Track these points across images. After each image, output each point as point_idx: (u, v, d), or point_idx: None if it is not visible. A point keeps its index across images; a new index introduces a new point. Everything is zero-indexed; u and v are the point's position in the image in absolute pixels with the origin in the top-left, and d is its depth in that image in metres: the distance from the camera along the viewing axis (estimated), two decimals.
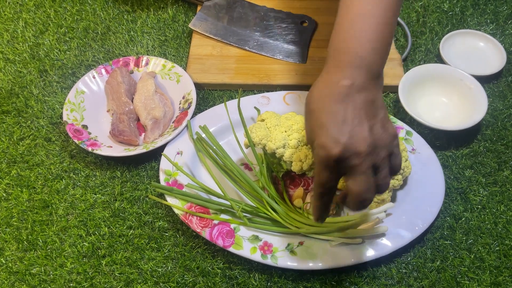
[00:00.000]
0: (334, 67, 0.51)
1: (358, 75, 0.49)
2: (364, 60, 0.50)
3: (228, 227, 0.65)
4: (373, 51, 0.51)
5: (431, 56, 0.85)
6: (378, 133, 0.48)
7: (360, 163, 0.47)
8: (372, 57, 0.50)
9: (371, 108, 0.49)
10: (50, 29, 0.91)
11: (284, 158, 0.65)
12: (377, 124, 0.48)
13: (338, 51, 0.52)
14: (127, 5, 0.94)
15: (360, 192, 0.48)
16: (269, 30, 0.87)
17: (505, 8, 0.92)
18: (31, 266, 0.64)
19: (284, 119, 0.68)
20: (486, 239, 0.66)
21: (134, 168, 0.73)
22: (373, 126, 0.48)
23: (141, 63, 0.83)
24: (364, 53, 0.50)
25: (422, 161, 0.70)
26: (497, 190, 0.70)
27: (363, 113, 0.48)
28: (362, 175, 0.47)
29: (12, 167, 0.74)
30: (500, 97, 0.80)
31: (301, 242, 0.64)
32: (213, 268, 0.64)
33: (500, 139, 0.75)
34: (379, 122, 0.48)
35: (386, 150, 0.48)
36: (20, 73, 0.85)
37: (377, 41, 0.51)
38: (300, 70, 0.82)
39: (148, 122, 0.75)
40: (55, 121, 0.78)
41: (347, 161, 0.47)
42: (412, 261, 0.64)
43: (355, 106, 0.48)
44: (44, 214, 0.69)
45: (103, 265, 0.64)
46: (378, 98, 0.50)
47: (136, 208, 0.69)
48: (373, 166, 0.48)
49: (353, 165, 0.47)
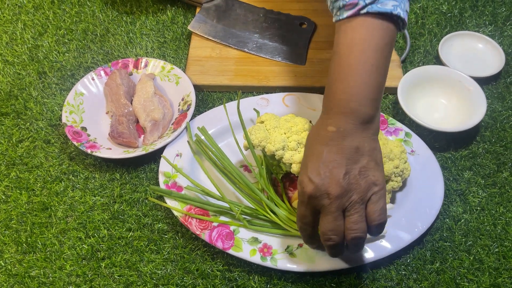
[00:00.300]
0: (324, 113, 0.55)
1: (344, 122, 0.52)
2: (348, 108, 0.52)
3: (227, 229, 0.65)
4: (360, 98, 0.52)
5: (430, 58, 0.86)
6: (353, 178, 0.51)
7: (329, 204, 0.51)
8: (359, 105, 0.52)
9: (353, 154, 0.52)
10: (49, 31, 0.91)
11: (284, 160, 0.65)
12: (354, 170, 0.51)
13: (327, 98, 0.55)
14: (126, 7, 0.94)
15: (324, 231, 0.52)
16: (268, 32, 0.87)
17: (503, 10, 0.92)
18: (30, 269, 0.64)
19: (284, 121, 0.67)
20: (485, 240, 0.66)
21: (134, 170, 0.73)
22: (350, 172, 0.51)
23: (140, 65, 0.83)
24: (348, 102, 0.52)
25: (421, 162, 0.70)
26: (496, 192, 0.70)
27: (343, 158, 0.51)
28: (329, 215, 0.51)
29: (11, 169, 0.74)
30: (499, 98, 0.80)
31: (301, 244, 0.64)
32: (212, 270, 0.64)
33: (499, 140, 0.75)
34: (358, 169, 0.51)
35: (358, 195, 0.51)
36: (19, 75, 0.85)
37: (365, 88, 0.53)
38: (299, 72, 0.83)
39: (147, 124, 0.75)
40: (54, 123, 0.78)
41: (318, 200, 0.51)
42: (411, 263, 0.64)
43: (336, 151, 0.52)
44: (43, 217, 0.69)
45: (103, 268, 0.64)
46: (364, 145, 0.52)
47: (136, 210, 0.69)
48: (343, 209, 0.51)
49: (323, 204, 0.51)
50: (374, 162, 0.52)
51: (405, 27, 0.55)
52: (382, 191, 0.52)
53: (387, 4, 0.52)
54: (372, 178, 0.51)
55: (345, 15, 0.54)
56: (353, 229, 0.51)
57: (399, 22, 0.54)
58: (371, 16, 0.53)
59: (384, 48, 0.53)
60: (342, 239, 0.52)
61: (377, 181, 0.51)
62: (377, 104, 0.54)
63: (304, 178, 0.52)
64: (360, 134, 0.52)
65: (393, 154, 0.65)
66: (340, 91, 0.53)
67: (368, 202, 0.51)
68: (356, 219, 0.51)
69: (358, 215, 0.51)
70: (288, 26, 0.88)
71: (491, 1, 0.93)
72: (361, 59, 0.52)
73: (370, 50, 0.52)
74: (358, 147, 0.52)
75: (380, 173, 0.52)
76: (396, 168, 0.64)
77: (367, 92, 0.52)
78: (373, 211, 0.51)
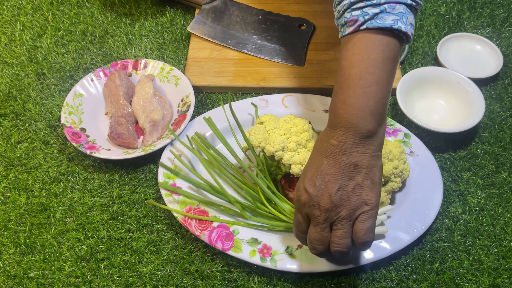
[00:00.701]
0: (329, 126, 0.56)
1: (344, 137, 0.53)
2: (349, 123, 0.53)
3: (227, 230, 0.65)
4: (360, 112, 0.52)
5: (428, 59, 0.86)
6: (345, 194, 0.52)
7: (319, 215, 0.52)
8: (358, 119, 0.52)
9: (350, 170, 0.52)
10: (48, 32, 0.91)
11: (283, 161, 0.65)
12: (348, 187, 0.52)
13: (331, 112, 0.56)
14: (125, 9, 0.94)
15: (310, 239, 0.54)
16: (267, 33, 0.88)
17: (501, 12, 0.92)
18: (29, 270, 0.64)
19: (283, 122, 0.68)
20: (485, 241, 0.66)
21: (133, 171, 0.73)
22: (344, 187, 0.52)
23: (140, 66, 0.83)
24: (349, 116, 0.53)
25: (420, 163, 0.70)
26: (495, 192, 0.70)
27: (340, 173, 0.52)
28: (317, 226, 0.53)
29: (9, 170, 0.73)
30: (497, 99, 0.80)
31: (300, 245, 0.63)
32: (212, 271, 0.64)
33: (497, 141, 0.75)
34: (352, 186, 0.52)
35: (347, 212, 0.52)
36: (18, 76, 0.85)
37: (365, 101, 0.53)
38: (298, 73, 0.83)
39: (147, 125, 0.75)
40: (53, 124, 0.78)
41: (310, 209, 0.53)
42: (411, 263, 0.64)
43: (334, 165, 0.53)
44: (42, 218, 0.69)
45: (102, 269, 0.64)
46: (361, 162, 0.53)
47: (135, 211, 0.69)
48: (332, 223, 0.53)
49: (313, 214, 0.53)
50: (370, 181, 0.53)
51: (409, 40, 0.55)
52: (373, 211, 0.52)
53: (387, 19, 0.52)
54: (364, 197, 0.52)
55: (347, 31, 0.55)
56: (336, 243, 0.53)
57: (401, 36, 0.54)
58: (370, 32, 0.53)
59: (385, 62, 0.53)
60: (326, 249, 0.54)
61: (369, 201, 0.52)
62: (379, 119, 0.53)
63: (301, 186, 0.54)
64: (360, 150, 0.53)
65: (392, 155, 0.65)
66: (341, 105, 0.54)
67: (356, 220, 0.52)
68: (341, 234, 0.52)
69: (343, 231, 0.52)
70: (287, 27, 0.88)
71: (489, 3, 0.94)
72: (361, 73, 0.53)
73: (370, 65, 0.53)
74: (356, 164, 0.52)
75: (374, 193, 0.53)
76: (395, 169, 0.64)
77: (366, 106, 0.52)
78: (359, 229, 0.52)
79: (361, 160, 0.52)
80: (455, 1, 0.94)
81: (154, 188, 0.71)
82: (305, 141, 0.65)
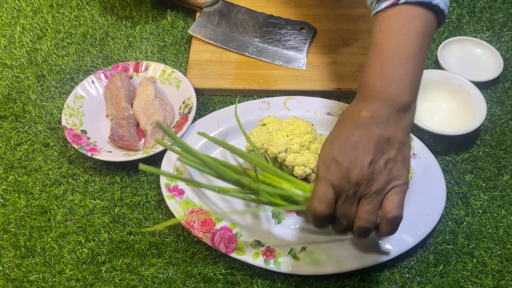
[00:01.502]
0: (359, 99, 0.53)
1: (378, 108, 0.51)
2: (385, 94, 0.51)
3: (230, 232, 0.64)
4: (398, 84, 0.51)
5: (429, 63, 0.86)
6: (377, 168, 0.50)
7: (348, 189, 0.49)
8: (396, 91, 0.51)
9: (383, 144, 0.50)
10: (48, 35, 0.90)
11: (286, 162, 0.65)
12: (381, 161, 0.50)
13: (362, 85, 0.53)
14: (126, 11, 0.94)
15: (337, 214, 0.51)
16: (269, 36, 0.88)
17: (500, 16, 0.93)
18: (29, 273, 0.63)
19: (286, 123, 0.67)
20: (488, 243, 0.66)
21: (134, 174, 0.72)
22: (377, 161, 0.50)
23: (141, 68, 0.82)
24: (385, 87, 0.51)
25: (422, 166, 0.70)
26: (498, 195, 0.70)
27: (372, 146, 0.50)
28: (346, 200, 0.50)
29: (9, 172, 0.73)
30: (498, 102, 0.81)
31: (304, 247, 0.63)
32: (215, 274, 0.63)
33: (499, 144, 0.75)
34: (384, 160, 0.50)
35: (378, 187, 0.49)
36: (18, 78, 0.84)
37: (403, 73, 0.51)
38: (299, 76, 0.83)
39: (148, 127, 0.74)
40: (53, 126, 0.78)
41: (338, 181, 0.50)
42: (415, 266, 0.64)
43: (367, 137, 0.50)
44: (42, 220, 0.68)
45: (103, 272, 0.63)
46: (395, 136, 0.51)
47: (136, 214, 0.68)
48: (360, 197, 0.50)
49: (341, 187, 0.50)
50: (402, 156, 0.51)
51: (444, 20, 0.54)
52: (403, 187, 0.50)
53: None
54: (395, 173, 0.50)
55: (384, 5, 0.53)
56: (364, 218, 0.50)
57: (438, 14, 0.53)
58: (409, 5, 0.52)
59: (422, 36, 0.52)
60: (350, 225, 0.51)
61: (400, 176, 0.50)
62: (414, 94, 0.52)
63: (328, 156, 0.51)
64: (394, 124, 0.51)
65: None
66: (376, 77, 0.52)
67: (387, 195, 0.50)
68: (369, 210, 0.49)
69: (372, 206, 0.49)
70: (288, 30, 0.88)
71: (488, 8, 0.95)
72: (399, 45, 0.51)
73: (409, 37, 0.51)
74: (389, 137, 0.50)
75: (405, 170, 0.51)
76: None
77: (404, 78, 0.51)
78: (389, 203, 0.49)
79: (394, 135, 0.50)
80: (455, 5, 0.95)
81: (155, 191, 0.70)
82: (308, 143, 0.65)
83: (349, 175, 0.49)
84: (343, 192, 0.50)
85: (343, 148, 0.50)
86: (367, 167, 0.49)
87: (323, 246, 0.63)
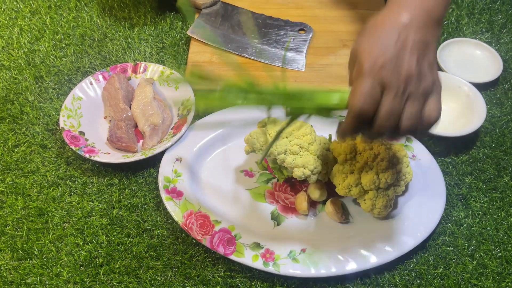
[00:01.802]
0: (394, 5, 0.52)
1: (418, 15, 0.50)
2: (423, 5, 0.51)
3: (229, 234, 0.64)
4: None
5: None
6: (423, 68, 0.48)
7: (399, 85, 0.47)
8: (432, 4, 0.52)
9: (424, 47, 0.49)
10: (46, 36, 0.90)
11: (285, 164, 0.65)
12: (424, 62, 0.49)
13: None
14: (124, 13, 0.94)
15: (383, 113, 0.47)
16: (267, 38, 0.87)
17: (499, 18, 0.93)
18: (27, 276, 0.63)
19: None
20: (488, 245, 0.65)
21: (132, 175, 0.72)
22: (421, 62, 0.48)
23: (139, 70, 0.82)
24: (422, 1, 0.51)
25: (422, 167, 0.70)
26: (497, 196, 0.70)
27: (415, 47, 0.48)
28: (395, 97, 0.47)
29: (6, 174, 0.72)
30: (497, 104, 0.80)
31: (303, 249, 0.63)
32: (214, 277, 0.63)
33: (498, 145, 0.75)
34: (426, 61, 0.49)
35: (425, 87, 0.48)
36: (15, 79, 0.84)
37: None
38: (298, 77, 0.82)
39: (147, 129, 0.74)
40: (51, 128, 0.77)
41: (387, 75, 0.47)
42: (415, 268, 0.63)
43: (411, 38, 0.48)
44: (40, 222, 0.67)
45: (101, 274, 0.63)
46: (432, 43, 0.50)
47: (135, 216, 0.68)
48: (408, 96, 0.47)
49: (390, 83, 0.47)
50: (436, 65, 0.50)
51: None
52: (440, 91, 0.50)
53: None
54: (436, 74, 0.49)
55: None
56: (412, 118, 0.48)
57: None
58: None
59: None
60: (395, 125, 0.48)
61: (438, 81, 0.49)
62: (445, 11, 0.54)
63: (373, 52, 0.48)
64: (430, 32, 0.51)
65: (396, 159, 0.64)
66: None
67: (430, 95, 0.48)
68: (417, 109, 0.48)
69: (419, 108, 0.48)
70: (287, 32, 0.88)
71: (487, 9, 0.95)
72: None
73: None
74: (428, 43, 0.50)
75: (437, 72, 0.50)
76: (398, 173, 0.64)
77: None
78: (432, 108, 0.48)
79: (431, 42, 0.50)
80: (454, 7, 0.95)
81: (154, 193, 0.70)
82: (308, 144, 0.65)
83: (399, 70, 0.47)
84: (393, 88, 0.47)
85: (388, 44, 0.48)
86: (416, 65, 0.47)
87: (323, 249, 0.63)
